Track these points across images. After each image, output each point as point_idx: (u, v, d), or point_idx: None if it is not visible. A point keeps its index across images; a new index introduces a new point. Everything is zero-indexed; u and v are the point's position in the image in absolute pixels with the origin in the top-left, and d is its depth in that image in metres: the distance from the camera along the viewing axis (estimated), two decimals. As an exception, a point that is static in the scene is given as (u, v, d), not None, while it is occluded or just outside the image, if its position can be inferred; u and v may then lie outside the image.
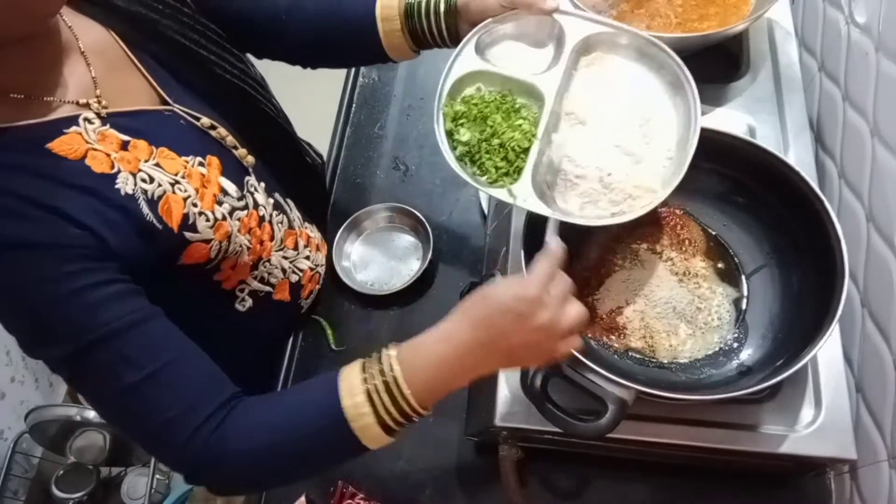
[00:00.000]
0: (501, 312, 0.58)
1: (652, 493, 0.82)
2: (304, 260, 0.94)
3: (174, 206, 0.68)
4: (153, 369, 0.61)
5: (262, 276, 0.85)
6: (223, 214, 0.74)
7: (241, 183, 0.79)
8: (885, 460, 0.72)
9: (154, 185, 0.66)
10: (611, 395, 0.63)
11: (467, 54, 0.77)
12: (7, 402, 1.83)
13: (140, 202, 0.65)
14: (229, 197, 0.76)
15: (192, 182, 0.70)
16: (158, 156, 0.69)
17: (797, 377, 0.70)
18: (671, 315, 0.75)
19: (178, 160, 0.70)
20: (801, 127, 0.86)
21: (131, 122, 0.68)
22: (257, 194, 0.82)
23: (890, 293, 0.73)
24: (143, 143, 0.68)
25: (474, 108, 0.74)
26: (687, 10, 0.94)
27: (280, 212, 0.88)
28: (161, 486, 1.85)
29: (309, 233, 0.97)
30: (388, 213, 1.10)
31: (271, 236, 0.85)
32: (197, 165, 0.73)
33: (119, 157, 0.65)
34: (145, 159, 0.67)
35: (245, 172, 0.81)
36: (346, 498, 0.86)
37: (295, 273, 0.92)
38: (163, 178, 0.67)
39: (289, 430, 0.63)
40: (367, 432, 0.60)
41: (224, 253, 0.75)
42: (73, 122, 0.63)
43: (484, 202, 1.07)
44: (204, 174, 0.73)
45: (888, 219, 0.75)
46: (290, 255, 0.90)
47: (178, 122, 0.73)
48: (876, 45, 0.79)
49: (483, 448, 0.86)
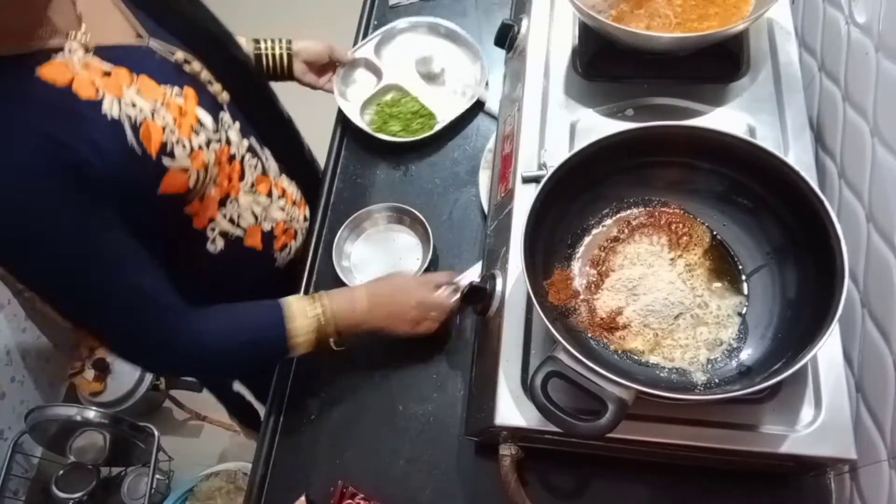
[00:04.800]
0: (405, 299, 0.92)
1: (652, 493, 0.82)
2: (279, 211, 0.98)
3: (153, 132, 0.72)
4: (108, 290, 0.71)
5: (231, 216, 0.89)
6: (199, 144, 0.78)
7: (216, 117, 0.83)
8: (885, 460, 0.72)
9: (136, 111, 0.70)
10: (611, 395, 0.63)
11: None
12: (7, 402, 1.83)
13: (125, 127, 0.69)
14: (205, 129, 0.80)
15: (170, 111, 0.75)
16: (139, 83, 0.73)
17: (797, 377, 0.70)
18: (671, 315, 0.75)
19: (157, 88, 0.75)
20: (801, 127, 0.86)
21: (112, 53, 0.72)
22: (231, 132, 0.87)
23: (890, 293, 0.73)
24: (125, 70, 0.72)
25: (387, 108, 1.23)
26: (687, 10, 0.94)
27: (254, 156, 0.92)
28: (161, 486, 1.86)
29: (285, 186, 1.01)
30: (388, 213, 1.10)
31: (241, 176, 0.89)
32: (175, 96, 0.77)
33: (103, 83, 0.68)
34: (127, 85, 0.71)
35: (219, 108, 0.86)
36: (346, 498, 0.86)
37: (267, 221, 0.96)
38: (144, 105, 0.71)
39: (238, 341, 0.84)
40: (299, 348, 0.86)
41: (202, 183, 0.79)
42: (58, 52, 0.66)
43: (484, 202, 1.07)
44: (181, 105, 0.77)
45: (888, 219, 0.75)
46: (262, 201, 0.94)
47: (154, 55, 0.78)
48: (876, 45, 0.79)
49: (483, 448, 0.86)
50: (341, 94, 1.23)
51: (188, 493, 1.77)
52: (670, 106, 0.91)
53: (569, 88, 0.95)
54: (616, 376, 0.62)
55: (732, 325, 0.74)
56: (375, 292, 0.91)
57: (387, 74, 1.25)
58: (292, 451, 0.95)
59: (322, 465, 0.92)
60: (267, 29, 1.05)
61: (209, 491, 1.74)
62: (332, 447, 0.93)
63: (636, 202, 0.83)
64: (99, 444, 1.79)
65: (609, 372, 0.63)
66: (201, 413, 2.07)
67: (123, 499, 1.85)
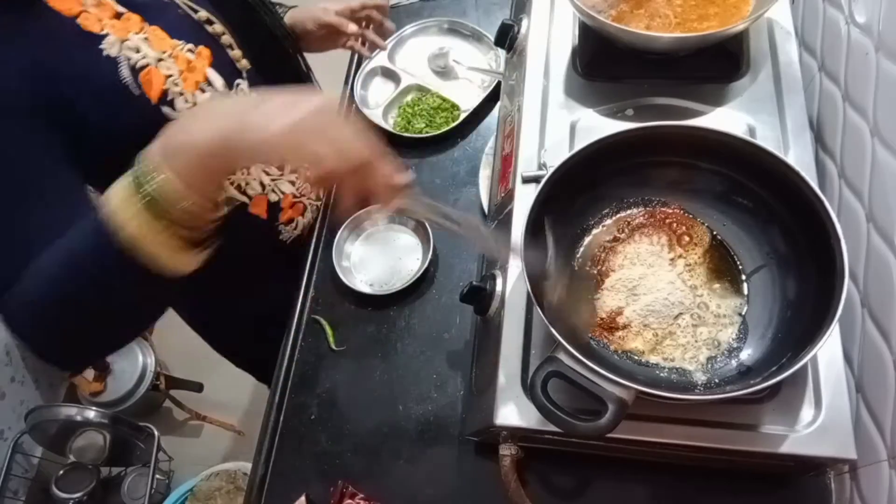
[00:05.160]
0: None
1: (652, 493, 0.82)
2: (288, 184, 0.98)
3: (155, 78, 0.73)
4: None
5: (238, 183, 0.88)
6: (203, 101, 0.78)
7: (230, 82, 0.83)
8: (885, 460, 0.72)
9: (139, 56, 0.71)
10: (611, 395, 0.63)
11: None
12: (7, 402, 1.83)
13: (121, 66, 0.70)
14: (213, 89, 0.80)
15: (177, 63, 0.75)
16: (149, 32, 0.74)
17: (797, 377, 0.70)
18: (671, 315, 0.75)
19: (167, 40, 0.76)
20: (801, 127, 0.86)
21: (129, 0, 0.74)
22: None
23: (890, 293, 0.73)
24: (137, 17, 0.73)
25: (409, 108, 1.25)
26: (686, 10, 0.94)
27: None
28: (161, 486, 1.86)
29: None
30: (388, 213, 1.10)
31: None
32: (186, 52, 0.77)
33: (111, 23, 0.70)
34: (135, 31, 0.72)
35: (238, 75, 0.86)
36: (346, 498, 0.86)
37: (275, 192, 0.95)
38: (149, 52, 0.73)
39: (67, 275, 0.57)
40: (154, 253, 0.54)
41: None
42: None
43: (484, 202, 1.07)
44: (191, 60, 0.78)
45: (888, 219, 0.75)
46: (273, 172, 0.94)
47: (176, 10, 0.79)
48: (876, 45, 0.79)
49: (483, 448, 0.86)
50: (362, 103, 1.26)
51: (188, 493, 1.77)
52: (670, 106, 0.91)
53: (569, 88, 0.95)
54: (616, 376, 0.62)
55: (732, 325, 0.74)
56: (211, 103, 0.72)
57: (405, 77, 1.28)
58: (292, 451, 0.95)
59: (322, 465, 0.92)
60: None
61: (209, 491, 1.74)
62: (332, 447, 0.93)
63: (636, 202, 0.83)
64: (99, 444, 1.79)
65: (609, 372, 0.63)
66: (201, 413, 2.07)
67: (123, 499, 1.85)
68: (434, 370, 0.97)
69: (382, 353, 0.99)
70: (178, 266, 0.56)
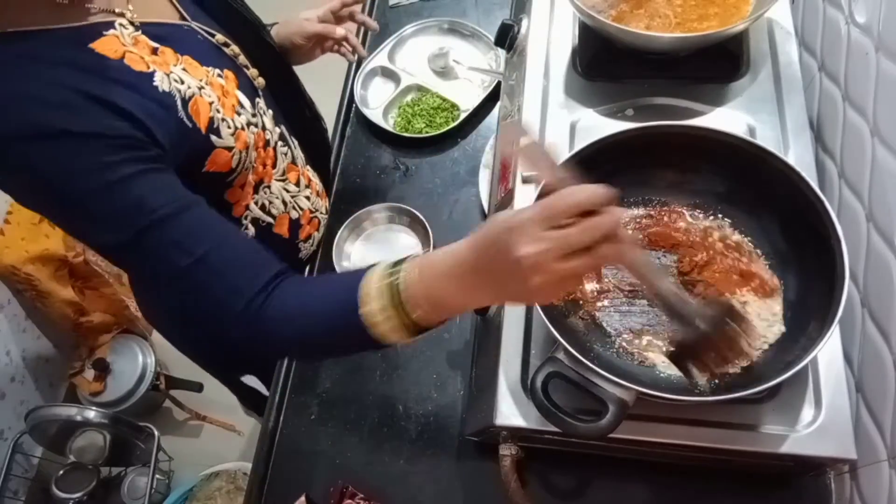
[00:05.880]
0: (496, 235, 0.54)
1: (652, 493, 0.82)
2: (305, 199, 1.00)
3: (202, 107, 0.73)
4: (202, 252, 0.64)
5: (263, 203, 0.90)
6: (242, 125, 0.79)
7: (252, 102, 0.85)
8: (885, 460, 0.72)
9: (185, 87, 0.72)
10: (611, 396, 0.63)
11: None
12: (7, 402, 1.83)
13: (176, 99, 0.70)
14: (245, 110, 0.81)
15: (214, 90, 0.76)
16: (184, 62, 0.74)
17: (797, 377, 0.70)
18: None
19: (200, 69, 0.76)
20: (801, 127, 0.86)
21: (159, 31, 0.74)
22: (265, 118, 0.88)
23: (890, 293, 0.73)
24: (170, 50, 0.74)
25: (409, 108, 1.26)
26: (686, 10, 0.94)
27: (284, 144, 0.94)
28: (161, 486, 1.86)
29: (311, 175, 1.03)
30: (388, 213, 1.10)
31: (274, 163, 0.90)
32: (216, 76, 0.79)
33: (151, 59, 0.70)
34: (174, 63, 0.73)
35: (256, 93, 0.88)
36: (346, 498, 0.86)
37: (295, 209, 0.97)
38: (191, 81, 0.73)
39: (314, 326, 0.65)
40: (383, 333, 0.61)
41: (243, 165, 0.80)
42: (110, 27, 0.68)
43: (484, 202, 1.07)
44: (223, 85, 0.79)
45: (888, 219, 0.75)
46: (292, 189, 0.95)
47: (196, 36, 0.80)
48: (876, 45, 0.79)
49: (483, 448, 0.86)
50: (362, 103, 1.26)
51: (188, 493, 1.77)
52: (670, 106, 0.91)
53: (569, 88, 0.95)
54: (616, 377, 0.62)
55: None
56: (472, 243, 0.58)
57: (404, 77, 1.28)
58: (292, 451, 0.95)
59: (322, 465, 0.92)
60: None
61: (209, 491, 1.74)
62: (332, 447, 0.93)
63: (636, 202, 0.83)
64: (99, 444, 1.79)
65: (609, 373, 0.63)
66: (201, 413, 2.06)
67: (123, 499, 1.85)
68: (434, 370, 0.97)
69: (382, 353, 0.99)
70: (400, 342, 0.63)
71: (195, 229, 0.66)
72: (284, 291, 0.66)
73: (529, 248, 0.51)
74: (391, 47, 1.32)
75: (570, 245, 0.51)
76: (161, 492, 1.84)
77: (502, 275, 0.54)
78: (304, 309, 0.66)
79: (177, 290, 0.66)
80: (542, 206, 0.52)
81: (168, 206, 0.64)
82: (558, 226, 0.51)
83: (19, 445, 1.78)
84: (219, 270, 0.65)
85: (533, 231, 0.51)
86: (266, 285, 0.65)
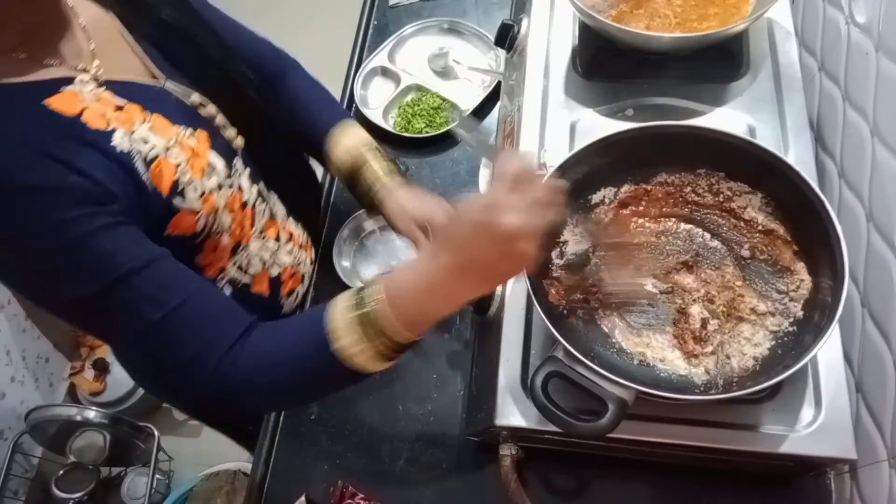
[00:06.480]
0: (468, 228, 0.55)
1: (652, 493, 0.82)
2: (286, 255, 0.95)
3: (166, 170, 0.69)
4: (173, 306, 0.62)
5: (240, 263, 0.85)
6: (211, 188, 0.75)
7: (228, 163, 0.81)
8: (885, 460, 0.72)
9: (148, 147, 0.68)
10: (611, 396, 0.63)
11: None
12: (7, 402, 1.83)
13: (136, 160, 0.66)
14: (216, 173, 0.77)
15: (183, 150, 0.72)
16: (153, 121, 0.70)
17: (797, 377, 0.70)
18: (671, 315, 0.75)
19: (170, 128, 0.72)
20: (801, 127, 0.86)
21: (125, 90, 0.70)
22: (242, 178, 0.83)
23: (890, 293, 0.73)
24: (137, 107, 0.70)
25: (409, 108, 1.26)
26: (686, 10, 0.94)
27: (263, 201, 0.89)
28: (161, 486, 1.86)
29: (292, 229, 0.98)
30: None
31: (252, 223, 0.86)
32: (187, 137, 0.74)
33: (115, 116, 0.66)
34: (140, 122, 0.69)
35: (234, 154, 0.83)
36: (346, 498, 0.86)
37: (276, 266, 0.92)
38: (157, 142, 0.69)
39: (286, 372, 0.65)
40: (361, 365, 0.62)
41: (209, 229, 0.76)
42: (69, 82, 0.65)
43: (484, 202, 1.07)
44: (194, 146, 0.74)
45: (888, 219, 0.75)
46: (271, 246, 0.91)
47: (168, 97, 0.75)
48: (876, 45, 0.79)
49: (483, 448, 0.86)
50: (362, 103, 1.26)
51: (188, 493, 1.77)
52: (670, 106, 0.91)
53: (569, 88, 0.95)
54: (616, 376, 0.62)
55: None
56: (442, 247, 0.59)
57: (404, 78, 1.28)
58: (292, 451, 0.95)
59: (322, 465, 0.92)
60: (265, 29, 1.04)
61: (209, 491, 1.74)
62: (332, 447, 0.93)
63: (636, 202, 0.83)
64: (99, 444, 1.79)
65: (609, 372, 0.63)
66: (201, 413, 2.07)
67: (123, 499, 1.85)
68: (434, 370, 0.97)
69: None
70: (376, 370, 0.63)
71: (165, 282, 0.63)
72: (253, 343, 0.65)
73: (512, 216, 0.53)
74: (391, 47, 1.32)
75: (540, 200, 0.55)
76: (161, 492, 1.84)
77: (492, 256, 0.55)
78: (275, 358, 0.65)
79: (145, 347, 0.64)
80: (499, 180, 0.55)
81: (136, 259, 0.61)
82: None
83: (19, 445, 1.78)
84: (190, 324, 0.63)
85: (506, 202, 0.53)
86: (239, 337, 0.64)
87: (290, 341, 0.65)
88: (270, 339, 0.66)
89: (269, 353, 0.65)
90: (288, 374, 0.65)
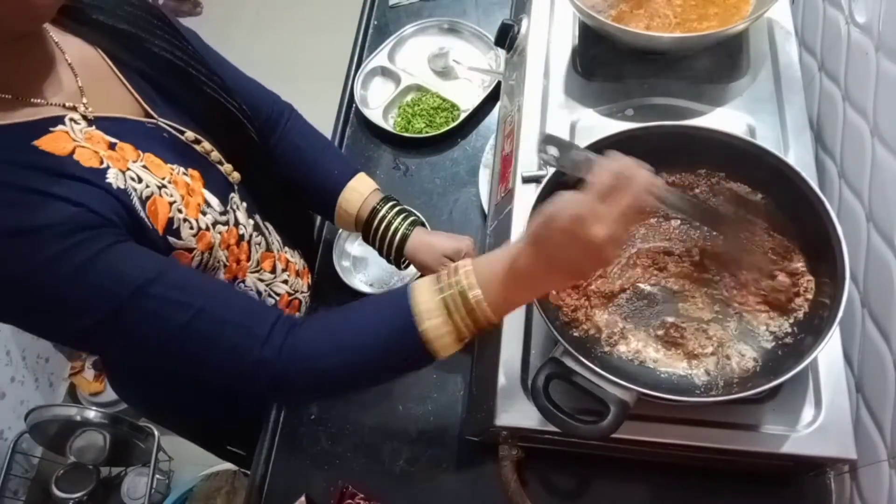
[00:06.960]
0: (558, 235, 0.57)
1: (652, 493, 0.82)
2: (282, 284, 0.94)
3: (160, 208, 0.68)
4: (201, 305, 0.62)
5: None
6: (207, 225, 0.74)
7: (225, 198, 0.79)
8: (885, 460, 0.72)
9: (142, 185, 0.67)
10: (612, 397, 0.63)
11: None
12: (7, 402, 1.83)
13: (133, 198, 0.65)
14: (212, 209, 0.76)
15: (178, 188, 0.71)
16: (145, 159, 0.69)
17: (797, 377, 0.70)
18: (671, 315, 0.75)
19: (164, 166, 0.71)
20: (801, 127, 0.86)
21: (116, 127, 0.69)
22: (239, 212, 0.82)
23: (890, 293, 0.73)
24: (130, 146, 0.68)
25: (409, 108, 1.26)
26: (686, 10, 0.94)
27: (259, 233, 0.88)
28: (161, 486, 1.86)
29: (288, 257, 0.97)
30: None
31: (248, 257, 0.85)
32: (181, 175, 0.73)
33: (107, 154, 0.65)
34: (133, 160, 0.67)
35: (230, 189, 0.82)
36: (346, 498, 0.86)
37: (271, 296, 0.91)
38: (150, 180, 0.68)
39: (362, 353, 0.65)
40: (441, 347, 0.63)
41: (205, 266, 0.75)
42: (59, 122, 0.63)
43: (484, 202, 1.07)
44: (188, 183, 0.73)
45: (888, 219, 0.75)
46: (267, 277, 0.90)
47: (162, 134, 0.74)
48: (876, 45, 0.79)
49: (483, 448, 0.86)
50: (362, 103, 1.26)
51: (188, 493, 1.77)
52: (670, 106, 0.91)
53: (569, 88, 0.95)
54: (617, 378, 0.62)
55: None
56: (532, 244, 0.60)
57: (404, 77, 1.28)
58: (292, 451, 0.95)
59: (322, 465, 0.92)
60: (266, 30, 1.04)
61: (209, 491, 1.74)
62: (332, 447, 0.93)
63: (636, 202, 0.83)
64: (99, 444, 1.79)
65: (610, 374, 0.63)
66: (201, 413, 2.06)
67: (123, 499, 1.85)
68: (434, 370, 0.97)
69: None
70: (447, 354, 0.64)
71: (183, 284, 0.63)
72: (309, 326, 0.65)
73: (601, 228, 0.55)
74: (391, 47, 1.32)
75: (628, 210, 0.56)
76: (161, 492, 1.84)
77: (579, 258, 0.58)
78: (353, 338, 0.65)
79: (181, 349, 0.63)
80: (592, 189, 0.57)
81: (148, 270, 0.61)
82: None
83: (19, 445, 1.79)
84: (222, 318, 0.63)
85: (596, 213, 0.55)
86: (273, 325, 0.63)
87: (365, 322, 0.65)
88: (338, 328, 0.66)
89: (338, 334, 0.65)
90: (363, 353, 0.65)
